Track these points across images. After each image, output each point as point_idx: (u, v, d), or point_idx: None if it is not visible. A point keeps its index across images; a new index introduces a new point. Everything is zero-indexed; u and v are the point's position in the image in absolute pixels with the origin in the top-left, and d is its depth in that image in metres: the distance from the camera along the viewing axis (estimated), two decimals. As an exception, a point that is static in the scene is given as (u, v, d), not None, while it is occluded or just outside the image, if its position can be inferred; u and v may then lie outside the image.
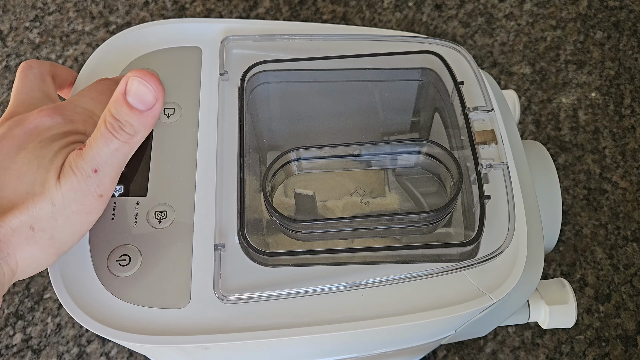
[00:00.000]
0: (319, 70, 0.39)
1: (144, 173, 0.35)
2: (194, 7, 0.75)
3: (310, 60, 0.39)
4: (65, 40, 0.73)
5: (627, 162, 0.64)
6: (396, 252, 0.34)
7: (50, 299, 0.57)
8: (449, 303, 0.32)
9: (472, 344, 0.56)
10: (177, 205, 0.34)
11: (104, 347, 0.55)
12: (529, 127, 0.67)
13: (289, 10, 0.75)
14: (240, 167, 0.35)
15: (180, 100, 0.38)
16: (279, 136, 0.45)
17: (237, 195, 0.34)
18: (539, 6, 0.75)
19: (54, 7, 0.75)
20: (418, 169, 0.39)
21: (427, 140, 0.37)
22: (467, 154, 0.35)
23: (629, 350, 0.55)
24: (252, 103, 0.40)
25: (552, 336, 0.56)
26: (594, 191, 0.63)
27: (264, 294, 0.31)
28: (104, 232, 0.34)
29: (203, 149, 0.36)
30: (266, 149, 0.45)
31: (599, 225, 0.61)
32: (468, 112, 0.36)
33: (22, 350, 0.55)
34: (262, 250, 0.32)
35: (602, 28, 0.74)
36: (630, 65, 0.71)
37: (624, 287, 0.58)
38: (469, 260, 0.32)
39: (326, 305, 0.32)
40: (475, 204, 0.34)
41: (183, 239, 0.33)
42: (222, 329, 0.31)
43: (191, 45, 0.40)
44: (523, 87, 0.69)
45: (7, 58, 0.71)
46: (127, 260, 0.33)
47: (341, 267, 0.33)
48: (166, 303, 0.32)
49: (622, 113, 0.68)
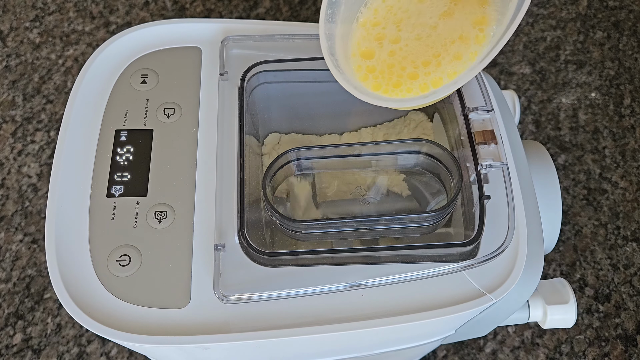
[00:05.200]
0: (319, 70, 0.39)
1: (144, 173, 0.35)
2: (194, 7, 0.75)
3: (310, 60, 0.39)
4: (65, 40, 0.73)
5: (627, 162, 0.64)
6: (396, 252, 0.34)
7: (50, 299, 0.57)
8: (449, 303, 0.32)
9: (472, 344, 0.56)
10: (177, 205, 0.34)
11: (104, 347, 0.55)
12: (529, 127, 0.67)
13: (289, 10, 0.75)
14: (240, 167, 0.35)
15: (180, 100, 0.38)
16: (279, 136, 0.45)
17: (237, 196, 0.34)
18: (539, 6, 0.75)
19: (54, 7, 0.75)
20: (418, 169, 0.39)
21: (427, 140, 0.37)
22: (467, 154, 0.35)
23: (629, 350, 0.55)
24: (252, 103, 0.40)
25: (552, 336, 0.56)
26: (593, 191, 0.63)
27: (264, 294, 0.31)
28: (104, 232, 0.34)
29: (203, 149, 0.36)
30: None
31: (599, 225, 0.61)
32: (468, 112, 0.36)
33: (22, 350, 0.55)
34: (262, 250, 0.32)
35: (602, 28, 0.74)
36: (630, 65, 0.71)
37: (624, 287, 0.58)
38: (469, 260, 0.32)
39: (326, 305, 0.32)
40: (475, 204, 0.34)
41: (183, 239, 0.33)
42: (222, 329, 0.31)
43: (191, 45, 0.40)
44: (523, 87, 0.69)
45: (7, 58, 0.71)
46: (127, 260, 0.33)
47: (341, 267, 0.33)
48: (166, 303, 0.32)
49: (622, 113, 0.68)
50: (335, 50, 0.34)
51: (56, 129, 0.66)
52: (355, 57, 0.35)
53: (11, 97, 0.68)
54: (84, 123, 0.37)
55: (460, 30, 0.34)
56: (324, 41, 0.33)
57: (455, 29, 0.34)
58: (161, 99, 0.38)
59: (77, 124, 0.37)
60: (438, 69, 0.34)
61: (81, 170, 0.36)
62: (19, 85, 0.69)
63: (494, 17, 0.34)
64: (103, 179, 0.35)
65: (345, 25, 0.35)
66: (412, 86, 0.33)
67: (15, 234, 0.60)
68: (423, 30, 0.34)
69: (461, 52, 0.33)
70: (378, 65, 0.34)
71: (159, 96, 0.38)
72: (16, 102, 0.68)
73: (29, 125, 0.66)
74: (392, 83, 0.34)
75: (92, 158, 0.36)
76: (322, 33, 0.34)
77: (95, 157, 0.36)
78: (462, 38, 0.34)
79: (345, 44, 0.35)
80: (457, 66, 0.33)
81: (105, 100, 0.38)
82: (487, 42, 0.33)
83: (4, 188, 0.63)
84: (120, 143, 0.36)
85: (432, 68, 0.34)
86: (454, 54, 0.33)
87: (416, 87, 0.33)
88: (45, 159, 0.64)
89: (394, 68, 0.34)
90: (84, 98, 0.38)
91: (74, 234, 0.34)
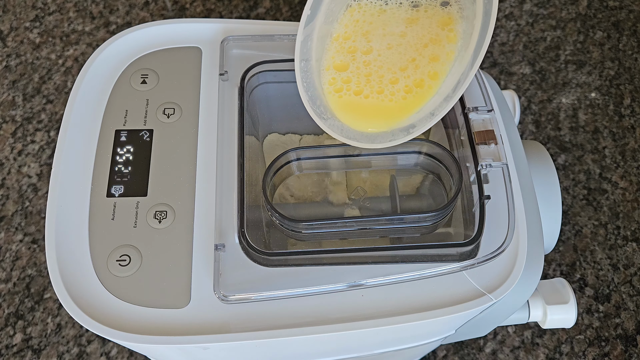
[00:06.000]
0: (319, 70, 0.39)
1: (144, 173, 0.35)
2: (194, 7, 0.75)
3: (310, 60, 0.39)
4: (65, 40, 0.73)
5: (627, 162, 0.64)
6: (396, 252, 0.34)
7: (50, 299, 0.57)
8: (449, 303, 0.32)
9: (472, 344, 0.56)
10: (177, 205, 0.34)
11: (104, 347, 0.55)
12: (529, 127, 0.67)
13: (289, 10, 0.75)
14: (240, 167, 0.35)
15: (180, 100, 0.38)
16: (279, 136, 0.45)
17: (237, 195, 0.34)
18: (539, 6, 0.75)
19: (54, 7, 0.75)
20: (418, 169, 0.39)
21: (427, 140, 0.37)
22: (467, 154, 0.35)
23: (629, 350, 0.55)
24: (252, 103, 0.40)
25: (552, 336, 0.56)
26: (593, 191, 0.63)
27: (264, 294, 0.31)
28: (104, 232, 0.34)
29: (203, 148, 0.36)
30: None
31: (599, 225, 0.61)
32: (468, 112, 0.36)
33: (22, 350, 0.55)
34: (262, 250, 0.32)
35: (602, 28, 0.74)
36: (630, 65, 0.71)
37: (624, 287, 0.58)
38: (469, 260, 0.32)
39: (326, 305, 0.32)
40: (475, 204, 0.34)
41: (183, 239, 0.33)
42: (222, 329, 0.31)
43: (191, 45, 0.40)
44: (523, 87, 0.69)
45: (7, 58, 0.71)
46: (127, 260, 0.33)
47: (341, 267, 0.33)
48: (166, 303, 0.32)
49: (622, 113, 0.68)
50: (312, 75, 0.35)
51: (56, 129, 0.66)
52: (330, 70, 0.35)
53: (11, 97, 0.68)
54: (84, 123, 0.37)
55: (429, 34, 0.34)
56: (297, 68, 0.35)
57: (423, 33, 0.35)
58: (161, 99, 0.38)
59: (77, 124, 0.37)
60: (417, 71, 0.34)
61: (81, 170, 0.36)
62: (19, 85, 0.69)
63: (459, 15, 0.34)
64: (103, 179, 0.35)
65: (321, 45, 0.36)
66: (395, 90, 0.34)
67: (15, 234, 0.60)
68: (393, 39, 0.35)
69: (437, 53, 0.34)
70: (354, 76, 0.35)
71: (159, 96, 0.38)
72: (16, 102, 0.68)
73: (29, 125, 0.66)
74: (376, 90, 0.35)
75: (92, 158, 0.36)
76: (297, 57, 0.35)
77: (95, 157, 0.36)
78: (433, 40, 0.34)
79: (320, 63, 0.36)
80: (436, 66, 0.34)
81: (105, 100, 0.38)
82: (460, 39, 0.34)
83: (4, 188, 0.63)
84: (120, 143, 0.36)
85: (411, 72, 0.34)
86: (429, 56, 0.34)
87: (401, 90, 0.34)
88: (45, 159, 0.64)
89: (371, 77, 0.35)
90: (84, 98, 0.38)
91: (74, 234, 0.34)
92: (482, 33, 0.32)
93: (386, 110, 0.35)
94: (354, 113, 0.35)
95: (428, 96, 0.33)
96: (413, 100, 0.34)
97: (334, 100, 0.35)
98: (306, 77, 0.35)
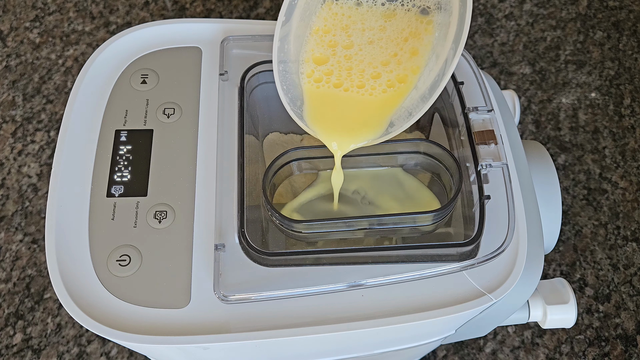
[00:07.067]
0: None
1: (144, 173, 0.35)
2: (194, 7, 0.75)
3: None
4: (65, 40, 0.73)
5: (627, 162, 0.64)
6: (396, 252, 0.34)
7: (50, 299, 0.57)
8: (449, 303, 0.32)
9: (472, 344, 0.56)
10: (177, 205, 0.34)
11: (104, 347, 0.55)
12: (529, 127, 0.67)
13: (289, 10, 0.75)
14: (240, 167, 0.35)
15: (180, 100, 0.38)
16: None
17: (237, 196, 0.34)
18: (539, 6, 0.75)
19: (54, 7, 0.75)
20: (418, 169, 0.39)
21: (427, 140, 0.37)
22: (467, 154, 0.35)
23: (629, 350, 0.55)
24: (252, 103, 0.40)
25: (552, 336, 0.56)
26: (593, 191, 0.63)
27: (264, 294, 0.31)
28: (104, 232, 0.34)
29: (203, 148, 0.36)
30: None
31: (599, 225, 0.61)
32: (468, 112, 0.36)
33: (22, 350, 0.55)
34: (262, 250, 0.32)
35: (602, 28, 0.74)
36: (630, 65, 0.71)
37: (624, 287, 0.58)
38: (469, 260, 0.32)
39: (326, 305, 0.32)
40: (475, 204, 0.34)
41: (183, 239, 0.33)
42: (222, 329, 0.31)
43: (191, 45, 0.40)
44: (523, 87, 0.69)
45: (7, 58, 0.71)
46: (127, 260, 0.33)
47: (341, 267, 0.33)
48: (166, 303, 0.32)
49: (622, 113, 0.68)
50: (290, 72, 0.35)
51: (56, 129, 0.66)
52: (309, 63, 0.35)
53: (11, 97, 0.68)
54: (84, 123, 0.37)
55: (408, 27, 0.34)
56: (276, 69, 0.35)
57: (402, 26, 0.35)
58: (161, 99, 0.38)
59: (77, 124, 0.37)
60: (400, 67, 0.34)
61: (81, 170, 0.36)
62: (19, 85, 0.69)
63: (435, 6, 0.34)
64: (103, 179, 0.35)
65: (299, 40, 0.36)
66: (376, 85, 0.34)
67: (15, 234, 0.60)
68: (373, 33, 0.35)
69: (416, 47, 0.34)
70: (335, 69, 0.35)
71: (159, 96, 0.38)
72: (16, 102, 0.68)
73: (29, 125, 0.66)
74: (356, 84, 0.35)
75: (92, 158, 0.36)
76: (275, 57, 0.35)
77: (95, 157, 0.36)
78: (412, 34, 0.34)
79: (299, 59, 0.36)
80: (417, 61, 0.34)
81: (105, 100, 0.38)
82: (437, 30, 0.34)
83: (4, 188, 0.63)
84: (120, 143, 0.36)
85: (394, 66, 0.34)
86: (410, 50, 0.34)
87: (383, 84, 0.34)
88: (45, 159, 0.64)
89: (352, 71, 0.35)
90: (84, 98, 0.38)
91: (74, 234, 0.34)
92: (459, 23, 0.32)
93: (364, 105, 0.35)
94: (327, 107, 0.35)
95: (407, 91, 0.33)
96: (393, 95, 0.34)
97: (311, 90, 0.35)
98: (285, 79, 0.35)
